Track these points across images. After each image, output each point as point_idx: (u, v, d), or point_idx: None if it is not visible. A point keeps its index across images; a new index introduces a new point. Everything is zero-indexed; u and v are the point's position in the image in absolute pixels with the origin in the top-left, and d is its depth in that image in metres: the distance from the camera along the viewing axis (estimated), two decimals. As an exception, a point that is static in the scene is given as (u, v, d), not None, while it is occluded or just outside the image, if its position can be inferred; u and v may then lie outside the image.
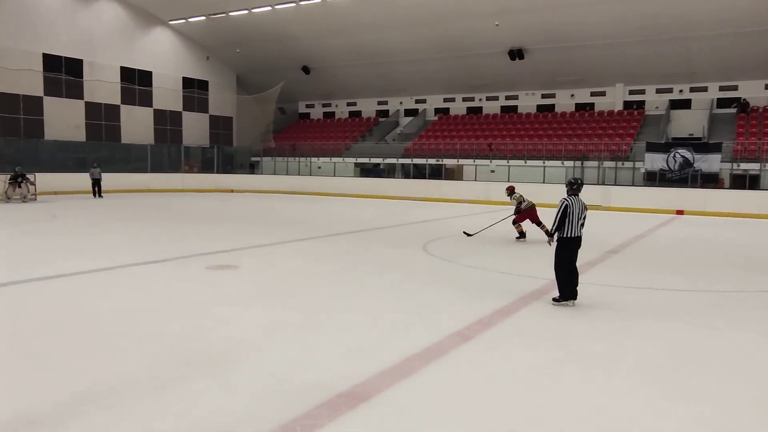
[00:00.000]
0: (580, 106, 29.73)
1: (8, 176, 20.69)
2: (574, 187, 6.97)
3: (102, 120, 29.27)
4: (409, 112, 34.44)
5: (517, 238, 13.02)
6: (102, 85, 28.92)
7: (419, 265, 9.36)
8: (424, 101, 34.12)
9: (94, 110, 28.89)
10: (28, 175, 20.90)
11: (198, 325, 5.73)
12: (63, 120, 27.52)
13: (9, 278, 7.62)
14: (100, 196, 23.47)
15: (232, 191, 29.79)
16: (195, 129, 33.56)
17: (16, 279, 7.58)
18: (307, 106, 38.75)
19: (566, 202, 6.82)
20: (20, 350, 4.93)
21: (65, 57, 27.46)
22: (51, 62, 27.00)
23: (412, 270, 8.95)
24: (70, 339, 5.26)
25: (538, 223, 13.06)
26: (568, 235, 6.76)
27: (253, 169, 33.86)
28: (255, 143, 34.73)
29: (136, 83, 30.45)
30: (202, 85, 33.83)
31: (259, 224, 15.43)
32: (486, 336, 5.56)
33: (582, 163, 24.66)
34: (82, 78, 28.17)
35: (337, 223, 16.14)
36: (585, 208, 6.96)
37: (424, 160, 28.33)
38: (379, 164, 30.86)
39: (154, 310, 6.31)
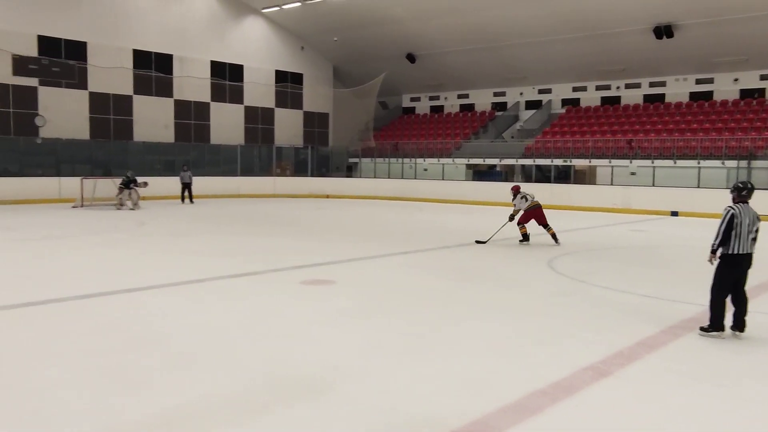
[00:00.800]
0: (745, 93, 27.83)
1: (119, 181, 22.10)
2: (743, 193, 6.52)
3: (191, 119, 31.18)
4: (530, 105, 33.86)
5: (521, 241, 13.80)
6: (192, 81, 30.83)
7: (543, 284, 9.18)
8: (548, 91, 33.40)
9: (183, 109, 30.85)
10: (139, 180, 22.33)
11: (292, 346, 5.92)
12: (152, 120, 29.60)
13: (95, 289, 8.27)
14: (191, 201, 25.01)
15: (327, 197, 30.64)
16: (288, 127, 34.91)
17: (103, 290, 8.21)
18: (412, 100, 39.15)
19: (733, 210, 6.40)
20: (107, 365, 5.32)
21: (155, 53, 29.56)
22: (141, 59, 29.17)
23: (535, 289, 8.78)
24: (158, 355, 5.61)
25: (545, 225, 13.79)
26: (735, 252, 6.34)
27: (350, 171, 34.66)
28: (353, 142, 35.55)
29: (227, 78, 32.17)
30: (296, 78, 35.14)
31: (358, 234, 15.78)
32: (628, 372, 5.31)
33: (749, 163, 23.06)
34: (171, 74, 30.19)
35: (447, 233, 16.16)
36: (757, 218, 6.49)
37: (549, 160, 27.71)
38: (494, 166, 30.55)
39: (245, 327, 6.59)
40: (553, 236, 13.88)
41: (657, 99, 30.10)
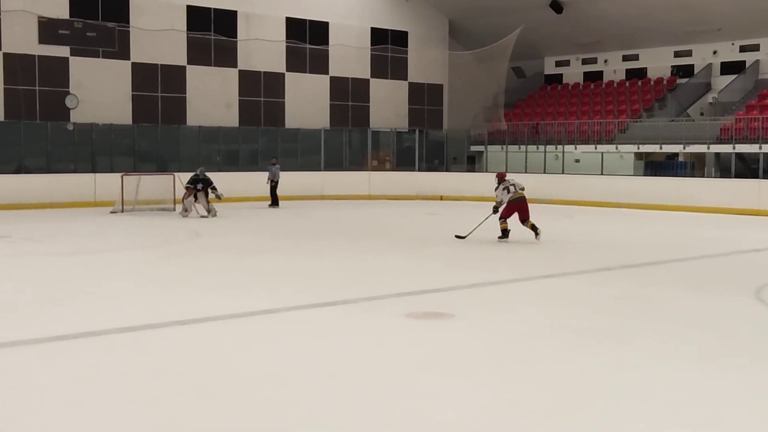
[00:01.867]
0: None
1: (188, 181, 22.37)
2: None
3: (260, 95, 32.06)
4: (728, 68, 32.60)
5: (500, 237, 16.30)
6: (261, 46, 31.72)
7: (751, 325, 8.85)
8: (755, 48, 32.04)
9: (250, 82, 31.78)
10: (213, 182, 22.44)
11: (396, 402, 5.96)
12: (210, 97, 30.65)
13: (141, 320, 8.65)
14: (275, 204, 25.74)
15: (441, 198, 30.72)
16: (388, 105, 35.28)
17: (150, 322, 8.59)
18: (558, 64, 38.63)
19: None
20: (160, 418, 5.57)
21: (214, 9, 30.68)
22: (196, 18, 30.30)
23: (738, 332, 8.47)
24: (219, 408, 5.80)
25: (525, 220, 16.22)
26: None
27: (472, 164, 34.54)
28: (476, 124, 35.45)
29: (307, 41, 32.88)
30: (399, 38, 35.49)
31: (484, 251, 15.73)
32: None
33: None
34: (235, 37, 31.22)
35: (607, 250, 15.85)
36: None
37: (756, 146, 26.57)
38: (676, 155, 29.60)
39: (332, 375, 6.70)
40: (533, 228, 16.21)
41: None
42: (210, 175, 22.66)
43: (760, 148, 26.38)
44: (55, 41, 27.47)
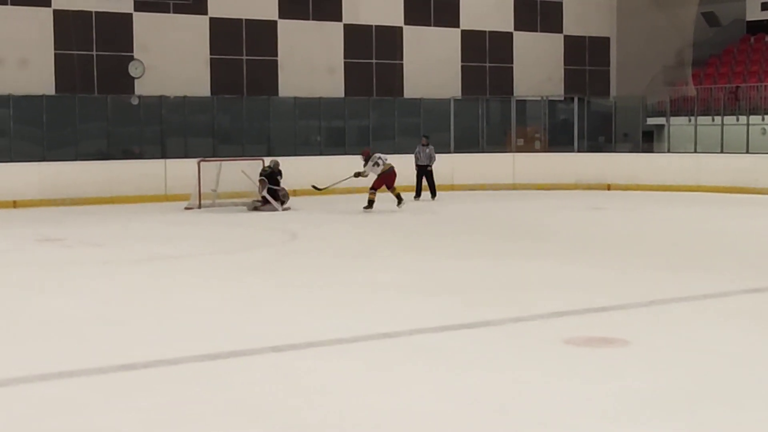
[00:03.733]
0: None
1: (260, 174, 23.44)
2: None
3: (371, 57, 32.18)
4: None
5: (365, 208, 22.42)
6: (373, -8, 31.96)
7: None
8: None
9: (358, 40, 32.00)
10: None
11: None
12: (308, 61, 30.95)
13: (225, 346, 8.78)
14: (433, 195, 26.15)
15: (608, 188, 30.29)
16: (537, 65, 35.01)
17: (238, 348, 8.71)
18: (765, 8, 37.41)
19: None
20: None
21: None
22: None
23: None
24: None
25: (392, 188, 22.85)
26: None
27: (650, 142, 33.86)
28: (654, 89, 34.78)
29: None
30: (552, -22, 35.17)
31: (668, 257, 15.50)
32: None
33: None
34: (339, -18, 31.51)
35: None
36: None
37: None
38: None
39: (470, 419, 6.65)
40: (398, 197, 22.73)
41: None
42: (307, 159, 23.07)
43: None
44: (115, -6, 28.18)
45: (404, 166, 26.34)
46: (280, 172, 23.34)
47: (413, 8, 32.65)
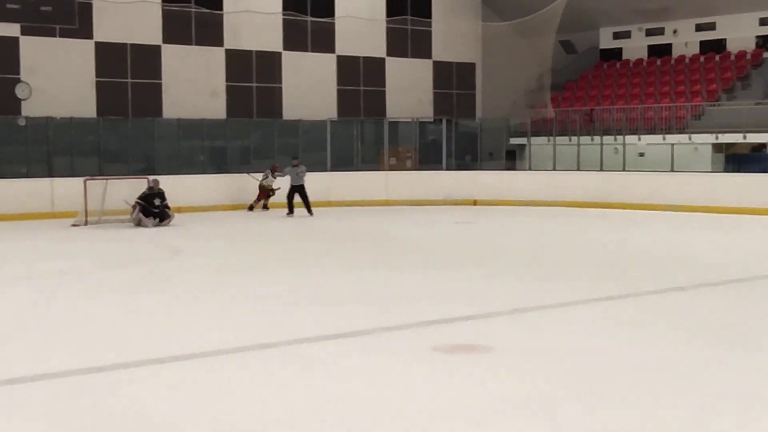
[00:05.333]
0: None
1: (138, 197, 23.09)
2: None
3: (252, 80, 32.14)
4: (827, 37, 32.44)
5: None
6: (252, 19, 31.82)
7: None
8: None
9: (240, 64, 31.88)
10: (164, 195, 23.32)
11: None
12: (191, 84, 30.72)
13: (111, 359, 8.63)
14: (309, 212, 25.92)
15: (474, 203, 30.68)
16: (408, 89, 35.27)
17: (122, 361, 8.57)
18: (617, 37, 38.50)
19: None
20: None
21: (195, -24, 30.82)
22: (174, -12, 30.43)
23: None
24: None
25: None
26: None
27: (513, 160, 34.44)
28: (517, 112, 35.41)
29: (308, 12, 32.96)
30: (421, 8, 35.54)
31: (527, 267, 15.79)
32: None
33: None
34: (221, 9, 31.30)
35: (678, 265, 15.82)
36: None
37: None
38: (764, 146, 29.48)
39: (345, 424, 6.68)
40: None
41: None
42: (192, 178, 22.83)
43: None
44: (2, 17, 27.39)
45: (285, 184, 26.41)
46: (161, 192, 23.02)
47: (291, 34, 32.66)
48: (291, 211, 25.91)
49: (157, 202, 22.80)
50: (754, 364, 8.46)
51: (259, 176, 26.61)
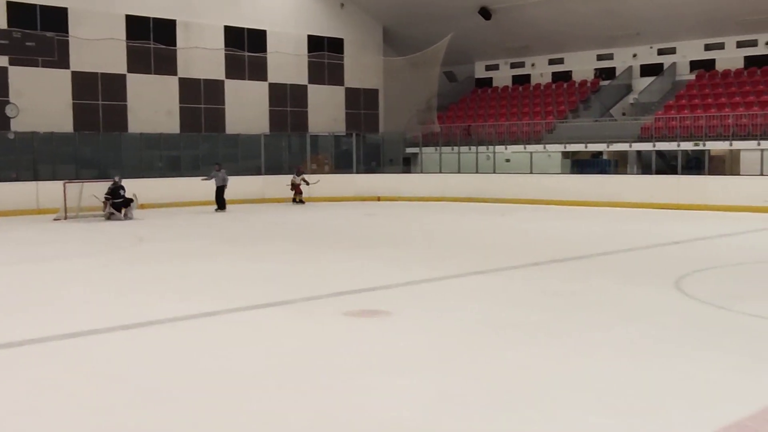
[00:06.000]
0: None
1: (105, 194, 22.83)
2: None
3: (201, 102, 31.84)
4: (647, 70, 33.32)
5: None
6: (201, 54, 31.46)
7: (670, 314, 9.06)
8: (672, 51, 32.81)
9: (190, 90, 31.51)
10: (128, 190, 22.96)
11: (337, 401, 5.98)
12: (151, 105, 30.30)
13: (86, 326, 8.53)
14: (223, 209, 25.62)
15: (378, 199, 30.81)
16: (325, 109, 35.29)
17: (96, 327, 8.46)
18: (488, 69, 39.01)
19: None
20: (107, 424, 5.49)
21: (153, 18, 30.34)
22: (136, 27, 29.93)
23: (659, 321, 8.66)
24: (166, 412, 5.76)
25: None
26: None
27: (408, 165, 34.73)
28: (411, 127, 35.64)
29: (245, 48, 32.74)
30: (335, 45, 35.51)
31: (419, 249, 15.92)
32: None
33: None
34: (175, 46, 30.89)
35: (538, 246, 16.12)
36: None
37: (675, 144, 27.22)
38: (600, 153, 30.16)
39: (272, 374, 6.70)
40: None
41: (822, 57, 29.21)
42: (151, 181, 22.63)
43: (678, 145, 27.03)
44: (-7, 51, 26.94)
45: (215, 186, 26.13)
46: (122, 187, 22.76)
47: (232, 66, 32.46)
48: (220, 207, 25.69)
49: (121, 192, 22.62)
50: (597, 321, 8.73)
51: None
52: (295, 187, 29.06)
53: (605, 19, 31.97)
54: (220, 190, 25.80)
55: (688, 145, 26.97)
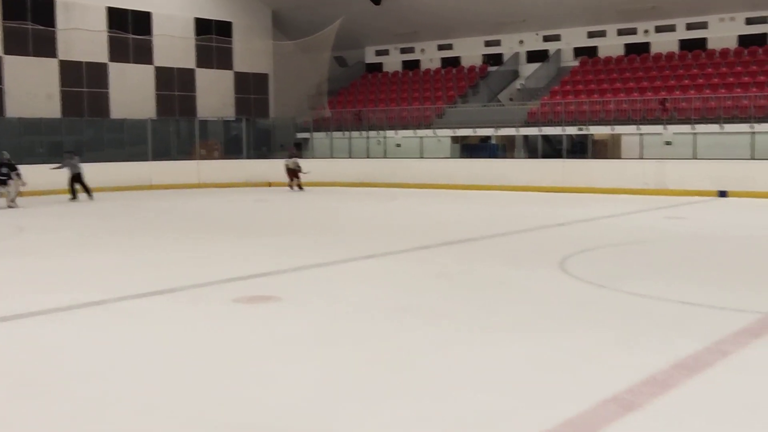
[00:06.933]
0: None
1: None
2: None
3: (83, 86, 30.94)
4: (533, 56, 34.12)
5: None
6: (82, 35, 30.51)
7: (555, 294, 9.32)
8: (556, 38, 33.69)
9: (71, 72, 30.54)
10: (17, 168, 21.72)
11: (225, 388, 5.94)
12: (30, 88, 29.24)
13: (-36, 319, 8.20)
14: (89, 196, 24.45)
15: (269, 185, 30.60)
16: (214, 94, 34.82)
17: (-26, 320, 8.16)
18: (378, 54, 39.16)
19: None
20: (-17, 422, 5.31)
21: (31, -1, 29.26)
22: (12, 7, 28.79)
23: (545, 301, 8.92)
24: (45, 404, 5.59)
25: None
26: None
27: (299, 150, 34.61)
28: (302, 112, 35.52)
29: (130, 31, 31.92)
30: (223, 28, 35.02)
31: (309, 234, 15.86)
32: (661, 405, 5.46)
33: (815, 126, 23.63)
34: (54, 27, 29.82)
35: (428, 229, 16.32)
36: None
37: (560, 128, 28.01)
38: (488, 138, 30.76)
39: (160, 364, 6.59)
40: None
41: (697, 45, 30.57)
42: (32, 168, 21.79)
43: (564, 130, 27.83)
44: None
45: (100, 172, 25.46)
46: (9, 163, 21.49)
47: (116, 49, 31.73)
48: (74, 197, 24.13)
49: (4, 170, 21.38)
50: (486, 302, 8.92)
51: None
52: (290, 172, 27.96)
53: (492, 5, 32.58)
54: (75, 178, 24.25)
55: (572, 130, 27.81)
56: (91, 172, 25.41)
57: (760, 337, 7.17)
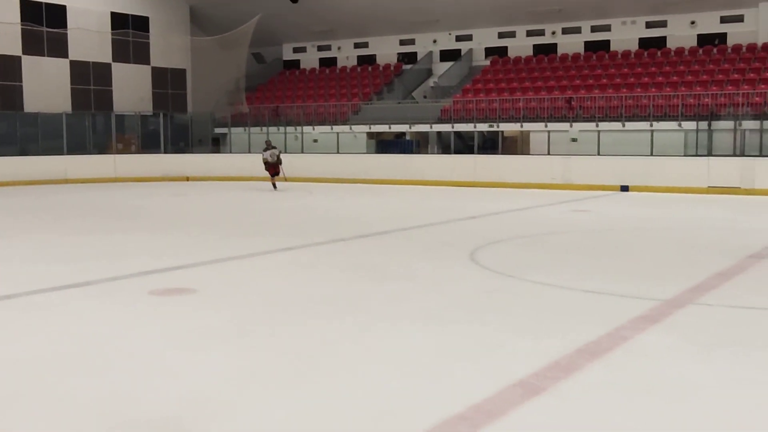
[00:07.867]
0: (704, 39, 29.41)
1: None
2: None
3: (-6, 79, 29.91)
4: (446, 55, 34.44)
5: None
6: (-7, 28, 29.50)
7: (465, 283, 9.42)
8: (468, 38, 34.08)
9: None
10: None
11: (141, 380, 5.81)
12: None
13: None
14: None
15: (187, 179, 30.16)
16: (131, 88, 34.10)
17: None
18: (296, 51, 38.96)
19: None
20: None
21: (-61, -12, 28.10)
22: None
23: (455, 291, 8.99)
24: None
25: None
26: None
27: (217, 145, 34.20)
28: (219, 107, 35.10)
29: (44, 23, 30.99)
30: (140, 23, 34.29)
31: (226, 227, 15.73)
32: (564, 388, 5.55)
33: (709, 125, 24.45)
34: (-36, 18, 28.74)
35: (343, 222, 16.30)
36: None
37: (471, 125, 28.35)
38: (403, 134, 30.91)
39: (75, 357, 6.39)
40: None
41: (601, 47, 31.33)
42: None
43: (475, 126, 28.19)
44: None
45: (27, 166, 24.63)
46: None
47: (30, 42, 30.75)
48: None
49: None
50: (397, 292, 8.94)
51: None
52: (270, 166, 25.44)
53: (407, 5, 32.73)
54: None
55: (483, 127, 28.19)
56: (3, 165, 24.64)
57: (657, 322, 7.36)
